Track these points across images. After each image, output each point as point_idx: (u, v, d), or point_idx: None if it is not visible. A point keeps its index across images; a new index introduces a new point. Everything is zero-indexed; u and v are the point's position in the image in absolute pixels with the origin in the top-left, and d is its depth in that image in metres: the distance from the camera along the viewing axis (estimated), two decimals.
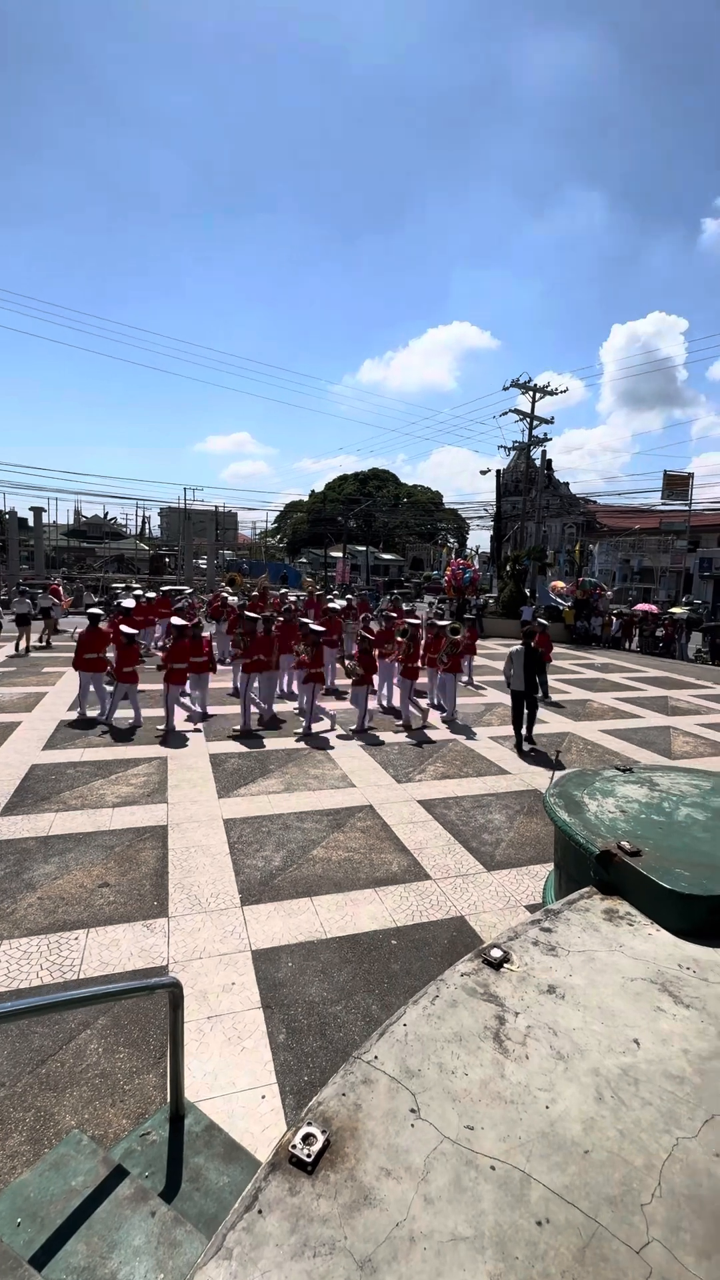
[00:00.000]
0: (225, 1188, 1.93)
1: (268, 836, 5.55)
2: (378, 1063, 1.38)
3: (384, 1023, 1.47)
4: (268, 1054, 3.04)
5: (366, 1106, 1.27)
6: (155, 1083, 2.82)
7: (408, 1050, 1.41)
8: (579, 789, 3.32)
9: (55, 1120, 2.62)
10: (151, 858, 5.06)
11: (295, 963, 3.79)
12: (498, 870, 5.12)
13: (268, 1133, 2.58)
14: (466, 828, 5.94)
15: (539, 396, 26.82)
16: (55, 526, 51.81)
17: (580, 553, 37.93)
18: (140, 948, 3.88)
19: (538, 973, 1.67)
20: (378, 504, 67.29)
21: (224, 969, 3.69)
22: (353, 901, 4.52)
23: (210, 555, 40.15)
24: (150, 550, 51.44)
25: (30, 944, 3.87)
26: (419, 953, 3.93)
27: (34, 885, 4.56)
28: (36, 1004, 1.81)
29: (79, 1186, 1.76)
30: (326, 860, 5.15)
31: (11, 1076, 2.85)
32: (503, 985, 1.62)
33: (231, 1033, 3.17)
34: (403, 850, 5.40)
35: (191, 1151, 2.06)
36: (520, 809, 6.50)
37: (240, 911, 4.34)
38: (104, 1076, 2.86)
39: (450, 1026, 1.47)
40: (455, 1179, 1.12)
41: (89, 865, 4.90)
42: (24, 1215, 1.68)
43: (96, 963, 3.71)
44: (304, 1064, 2.99)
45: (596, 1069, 1.35)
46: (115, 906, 4.33)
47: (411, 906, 4.49)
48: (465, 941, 4.09)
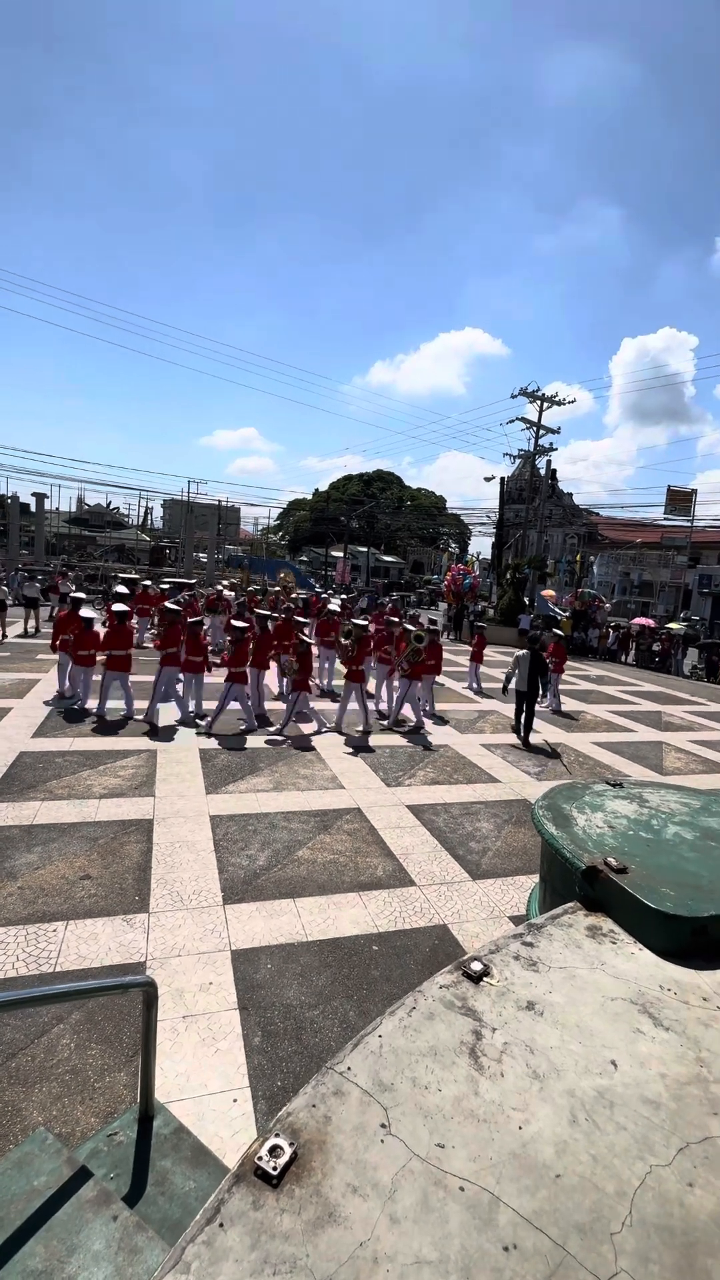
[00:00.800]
0: (191, 1193, 1.89)
1: (253, 835, 5.51)
2: (350, 1074, 1.35)
3: (359, 1032, 1.45)
4: (242, 1057, 3.00)
5: (336, 1119, 1.24)
6: (126, 1081, 2.79)
7: (382, 1063, 1.38)
8: (568, 802, 3.30)
9: (22, 1116, 2.58)
10: (135, 851, 5.03)
11: (275, 964, 3.75)
12: (483, 879, 5.10)
13: (237, 1137, 2.55)
14: (454, 835, 5.92)
15: (546, 406, 26.88)
16: (57, 513, 51.68)
17: (581, 564, 37.99)
18: (119, 943, 3.84)
19: (518, 988, 1.64)
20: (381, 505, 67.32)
21: (202, 968, 3.66)
22: (336, 905, 4.49)
23: (211, 549, 40.10)
24: (151, 541, 51.34)
25: (7, 934, 3.83)
26: (400, 960, 3.90)
27: (15, 874, 4.52)
28: (7, 999, 1.77)
29: (41, 1187, 1.73)
30: (311, 862, 5.11)
31: None
32: (482, 999, 1.59)
33: (206, 1033, 3.13)
34: (389, 855, 5.37)
35: (159, 1154, 2.03)
36: (509, 818, 6.48)
37: (222, 910, 4.30)
38: (74, 1073, 2.82)
39: (426, 1040, 1.45)
40: (423, 1199, 1.09)
41: (71, 856, 4.85)
42: None
43: (74, 956, 3.67)
44: (278, 1068, 2.96)
45: (572, 1090, 1.33)
46: (96, 899, 4.29)
47: (394, 912, 4.46)
48: (447, 950, 4.06)
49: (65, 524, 54.59)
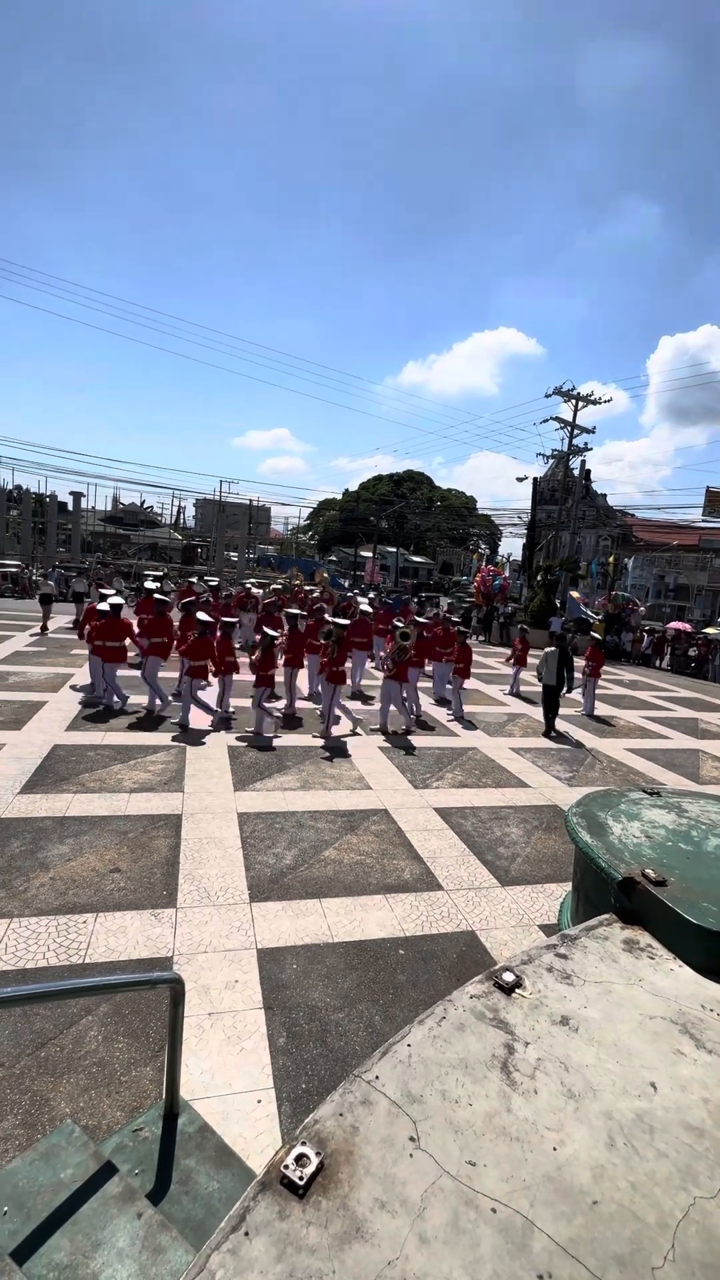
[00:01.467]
0: (214, 1194, 1.88)
1: (280, 833, 5.52)
2: (378, 1083, 1.31)
3: (387, 1040, 1.41)
4: (266, 1057, 2.99)
5: (364, 1130, 1.21)
6: (152, 1076, 2.80)
7: (410, 1073, 1.34)
8: (603, 810, 3.20)
9: (50, 1106, 2.61)
10: (164, 846, 5.08)
11: (300, 965, 3.74)
12: (512, 886, 5.01)
13: (261, 1139, 2.54)
14: (482, 839, 5.84)
15: (581, 405, 26.43)
16: (93, 512, 52.83)
17: (614, 566, 37.26)
18: (147, 937, 3.87)
19: (551, 1001, 1.59)
20: (411, 506, 67.11)
21: (228, 965, 3.66)
22: (362, 906, 4.46)
23: (242, 548, 40.51)
24: (184, 540, 52.11)
25: (39, 924, 3.90)
26: (426, 965, 3.85)
27: (47, 865, 4.60)
28: (39, 991, 1.79)
29: (67, 1179, 1.74)
30: (338, 862, 5.09)
31: (11, 1057, 2.86)
32: (513, 1012, 1.54)
33: (231, 1032, 3.13)
34: (416, 858, 5.32)
35: (183, 1152, 2.02)
36: (539, 824, 6.36)
37: (248, 908, 4.31)
38: (101, 1065, 2.85)
39: (456, 1051, 1.41)
40: (453, 1219, 1.05)
41: (102, 849, 4.93)
42: (11, 1204, 1.66)
43: (103, 948, 3.72)
44: (302, 1070, 2.94)
45: (609, 1112, 1.27)
46: (125, 893, 4.34)
47: (421, 916, 4.41)
48: (474, 957, 3.99)
49: (101, 522, 55.78)
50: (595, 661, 12.03)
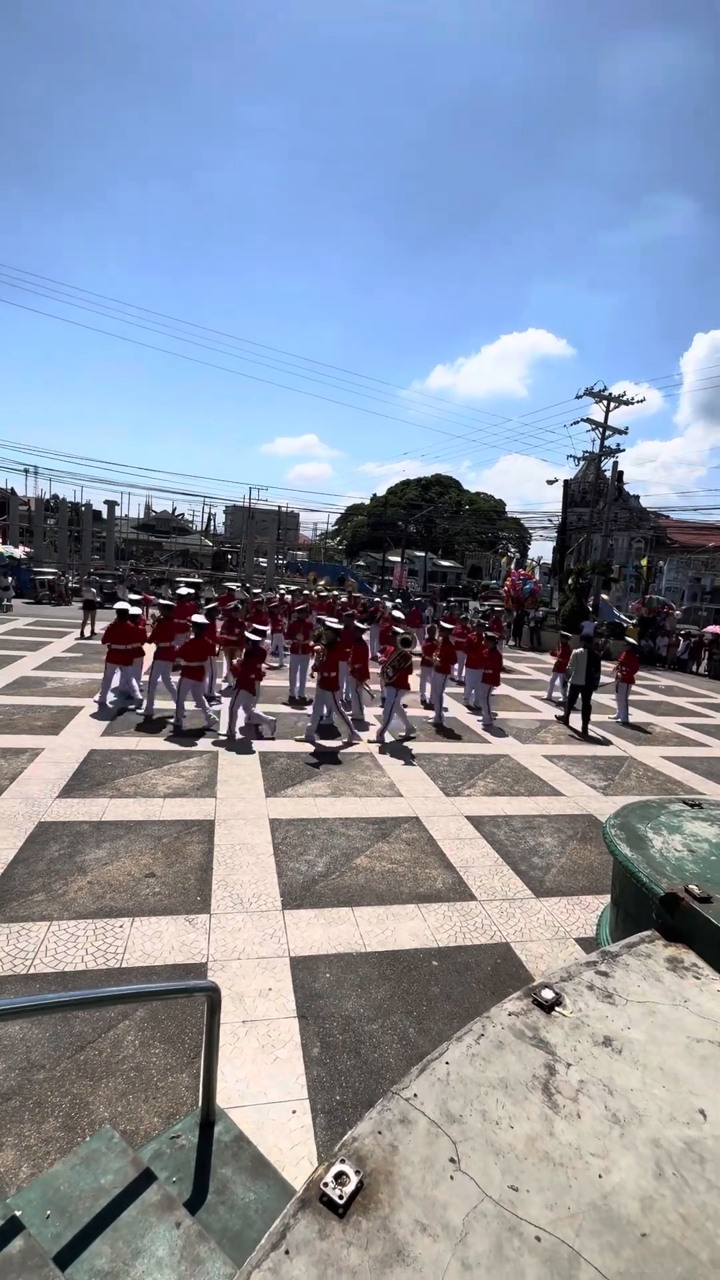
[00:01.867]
0: (250, 1205, 1.88)
1: (312, 840, 5.53)
2: (417, 1101, 1.30)
3: (425, 1057, 1.39)
4: (300, 1067, 2.99)
5: (403, 1150, 1.19)
6: (188, 1083, 2.83)
7: (449, 1091, 1.32)
8: (642, 822, 3.12)
9: (90, 1110, 2.66)
10: (197, 852, 5.13)
11: (333, 974, 3.73)
12: (547, 897, 4.92)
13: (296, 1150, 2.53)
14: (515, 849, 5.75)
15: (613, 406, 26.01)
16: (126, 520, 53.99)
17: (648, 568, 36.50)
18: (181, 942, 3.91)
19: (593, 1021, 1.55)
20: (439, 510, 66.89)
21: (262, 973, 3.68)
22: (394, 916, 4.43)
23: (271, 554, 40.89)
24: (214, 547, 52.86)
25: (78, 927, 3.97)
26: (460, 977, 3.80)
27: (85, 869, 4.69)
28: (81, 998, 1.83)
29: (108, 1185, 1.76)
30: (370, 870, 5.08)
31: (51, 1059, 2.91)
32: (554, 1031, 1.51)
33: (265, 1040, 3.14)
34: (448, 867, 5.26)
35: (219, 1161, 2.03)
36: (573, 834, 6.24)
37: (281, 915, 4.33)
38: (139, 1070, 2.88)
39: (496, 1070, 1.38)
40: (496, 1245, 1.03)
41: (137, 854, 5.00)
42: (54, 1208, 1.69)
43: (139, 953, 3.77)
44: (336, 1082, 2.93)
45: (656, 1139, 1.23)
46: (160, 898, 4.40)
47: (454, 927, 4.36)
48: (509, 970, 3.93)
49: (134, 530, 56.95)
50: (630, 667, 11.77)
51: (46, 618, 19.34)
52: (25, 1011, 1.75)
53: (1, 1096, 2.69)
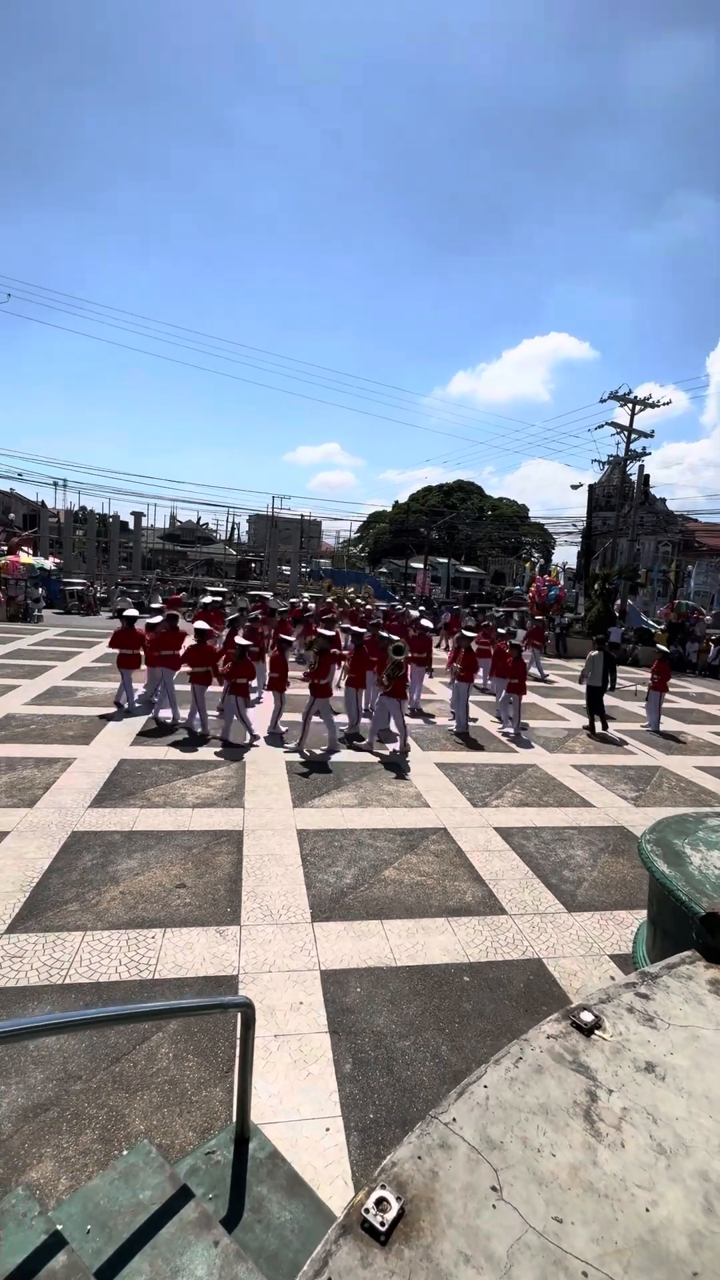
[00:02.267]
0: (287, 1224, 1.88)
1: (340, 851, 5.53)
2: (455, 1126, 1.28)
3: (462, 1080, 1.38)
4: (333, 1083, 2.98)
5: (444, 1176, 1.18)
6: (221, 1098, 2.83)
7: (489, 1117, 1.31)
8: (679, 837, 3.06)
9: (126, 1122, 2.68)
10: (227, 862, 5.16)
11: (364, 989, 3.71)
12: (579, 912, 4.84)
13: (330, 1169, 2.52)
14: (546, 861, 5.67)
15: (639, 409, 25.69)
16: (152, 530, 54.91)
17: (676, 573, 35.84)
18: (213, 954, 3.94)
19: (634, 1046, 1.52)
20: (461, 516, 66.67)
21: (292, 986, 3.68)
22: (424, 929, 4.40)
23: (295, 562, 41.17)
24: (238, 555, 53.45)
25: (111, 938, 4.02)
26: (492, 994, 3.75)
27: (117, 879, 4.76)
28: (118, 1013, 1.85)
29: (146, 1201, 1.77)
30: (398, 882, 5.05)
31: (88, 1070, 2.95)
32: (594, 1055, 1.48)
33: (298, 1055, 3.14)
34: (477, 880, 5.21)
35: (255, 1179, 2.03)
36: (605, 846, 6.13)
37: (310, 927, 4.32)
38: (173, 1084, 2.90)
39: (535, 1095, 1.36)
40: (542, 1278, 1.01)
41: (168, 864, 5.06)
42: (94, 1223, 1.70)
43: (171, 964, 3.80)
44: (369, 1100, 2.91)
45: (704, 1172, 1.20)
46: (191, 909, 4.43)
47: (485, 941, 4.31)
48: (542, 988, 3.86)
49: (160, 540, 57.87)
50: (661, 674, 11.53)
51: (76, 628, 19.73)
52: (66, 1027, 1.78)
53: (40, 1107, 2.74)
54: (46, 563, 28.76)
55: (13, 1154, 2.52)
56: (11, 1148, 2.54)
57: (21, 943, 3.90)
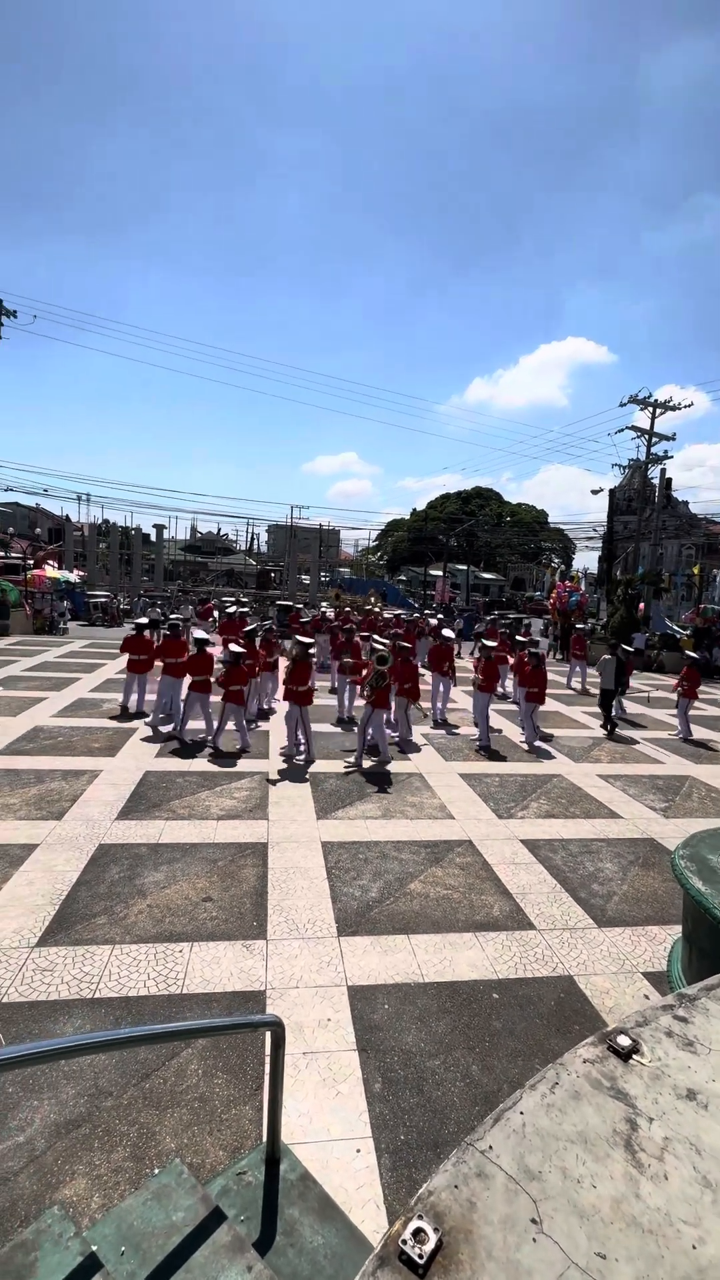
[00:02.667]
0: (319, 1249, 1.86)
1: (365, 864, 5.50)
2: (492, 1154, 1.26)
3: (498, 1106, 1.35)
4: (363, 1103, 2.94)
5: (482, 1207, 1.16)
6: (251, 1116, 2.82)
7: (526, 1145, 1.28)
8: (714, 852, 2.99)
9: (156, 1140, 2.68)
10: (252, 875, 5.17)
11: (392, 1005, 3.68)
12: (610, 927, 4.74)
13: (362, 1192, 2.49)
14: (574, 875, 5.57)
15: (659, 412, 25.42)
16: (174, 542, 55.64)
17: (701, 577, 35.23)
18: (240, 969, 3.94)
19: (674, 1072, 1.48)
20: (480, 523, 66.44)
21: (320, 1002, 3.65)
22: (451, 945, 4.35)
23: (314, 571, 41.34)
24: (258, 566, 53.85)
25: (139, 951, 4.05)
26: (523, 1011, 3.69)
27: (144, 892, 4.79)
28: (149, 1033, 1.85)
29: (179, 1223, 1.77)
30: (424, 896, 5.00)
31: (118, 1086, 2.96)
32: (633, 1082, 1.45)
33: (326, 1074, 3.11)
34: (504, 894, 5.14)
35: (286, 1201, 2.01)
36: (634, 859, 6.01)
37: (337, 942, 4.30)
38: (203, 1101, 2.89)
39: (573, 1123, 1.33)
40: None
41: (194, 877, 5.08)
42: (128, 1244, 1.70)
43: (199, 979, 3.81)
44: (400, 1121, 2.87)
45: None
46: (217, 923, 4.44)
47: (514, 957, 4.24)
48: (574, 1005, 3.78)
49: (181, 551, 58.60)
50: (691, 681, 11.30)
51: (100, 639, 20.02)
52: (98, 1048, 1.79)
53: (71, 1123, 2.75)
54: (71, 576, 29.31)
55: (46, 1171, 2.53)
56: (45, 1164, 2.56)
57: (52, 956, 3.95)
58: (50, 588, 24.58)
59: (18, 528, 45.44)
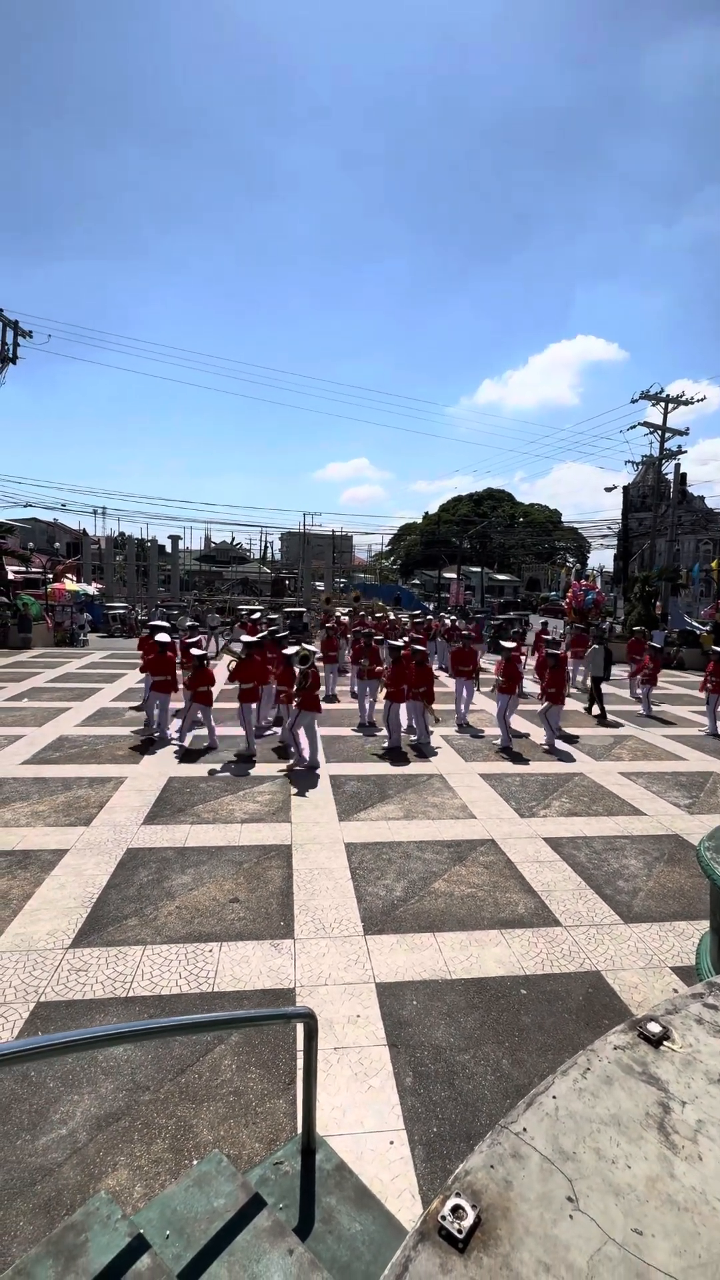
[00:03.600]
0: (357, 1235, 1.90)
1: (388, 864, 5.53)
2: (527, 1136, 1.29)
3: (530, 1091, 1.39)
4: (395, 1096, 2.98)
5: (518, 1185, 1.19)
6: (285, 1109, 2.87)
7: (560, 1127, 1.31)
8: None
9: (194, 1132, 2.74)
10: (277, 877, 5.23)
11: (420, 1001, 3.70)
12: (636, 923, 4.72)
13: (397, 1182, 2.52)
14: (599, 872, 5.55)
15: (672, 407, 25.18)
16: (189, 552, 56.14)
17: (719, 572, 34.76)
18: (269, 967, 3.99)
19: (705, 1058, 1.50)
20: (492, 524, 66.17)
21: (349, 999, 3.70)
22: (477, 942, 4.36)
23: (328, 577, 41.50)
24: (272, 573, 54.13)
25: (170, 952, 4.12)
26: (551, 1006, 3.69)
27: (173, 894, 4.87)
28: (183, 1023, 1.90)
29: (220, 1209, 1.82)
30: (449, 895, 5.02)
31: (155, 1081, 3.03)
32: (664, 1067, 1.47)
33: (358, 1068, 3.15)
34: (529, 891, 5.14)
35: (323, 1190, 2.05)
36: (659, 855, 5.97)
37: (363, 940, 4.34)
38: (237, 1095, 2.95)
39: (606, 1106, 1.36)
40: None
41: (220, 879, 5.15)
42: (172, 1229, 1.76)
43: (229, 978, 3.87)
44: (432, 1113, 2.90)
45: None
46: (245, 923, 4.50)
47: (541, 954, 4.25)
48: (602, 1000, 3.78)
49: (196, 561, 59.09)
50: (718, 677, 11.15)
51: (119, 650, 20.28)
52: (138, 1036, 1.85)
53: (111, 1116, 2.82)
54: (90, 588, 29.72)
55: (89, 1162, 2.60)
56: (88, 1155, 2.63)
57: (86, 957, 4.04)
58: (70, 600, 24.98)
59: (37, 542, 46.21)
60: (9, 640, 20.11)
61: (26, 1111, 2.86)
